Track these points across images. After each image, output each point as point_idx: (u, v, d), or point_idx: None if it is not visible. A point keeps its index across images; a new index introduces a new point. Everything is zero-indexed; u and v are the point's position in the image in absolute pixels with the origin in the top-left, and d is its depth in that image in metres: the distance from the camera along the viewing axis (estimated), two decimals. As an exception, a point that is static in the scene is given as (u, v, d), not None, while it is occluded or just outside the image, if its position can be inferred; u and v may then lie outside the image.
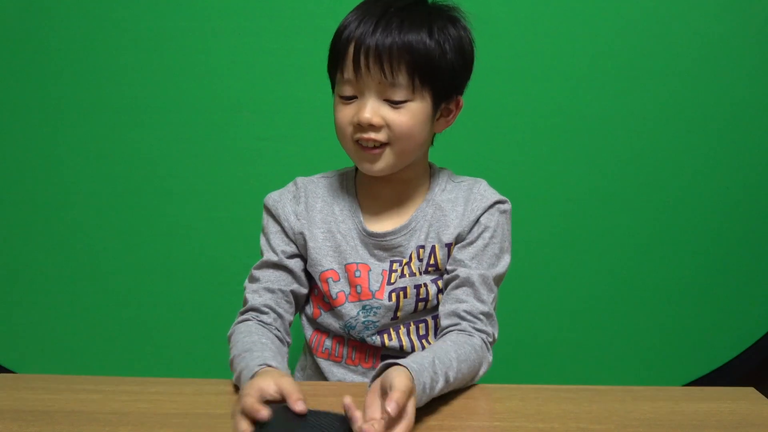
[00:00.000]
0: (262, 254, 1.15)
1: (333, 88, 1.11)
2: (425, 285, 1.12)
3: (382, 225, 1.14)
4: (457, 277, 1.09)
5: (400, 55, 1.02)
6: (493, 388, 1.06)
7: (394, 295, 1.12)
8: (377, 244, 1.13)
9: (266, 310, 1.10)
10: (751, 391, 1.06)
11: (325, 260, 1.13)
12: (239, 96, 1.68)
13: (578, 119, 1.72)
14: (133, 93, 1.68)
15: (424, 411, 0.96)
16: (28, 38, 1.66)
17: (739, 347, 1.82)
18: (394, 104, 1.04)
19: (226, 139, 1.69)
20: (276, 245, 1.13)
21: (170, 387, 1.04)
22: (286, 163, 1.69)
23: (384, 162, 1.08)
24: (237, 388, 0.97)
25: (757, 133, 1.75)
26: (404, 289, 1.12)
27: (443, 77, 1.06)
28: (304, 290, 1.15)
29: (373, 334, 1.13)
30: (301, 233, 1.13)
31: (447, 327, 1.08)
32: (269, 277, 1.12)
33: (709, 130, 1.74)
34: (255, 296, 1.11)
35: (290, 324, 1.13)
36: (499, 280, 1.13)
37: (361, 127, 1.05)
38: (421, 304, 1.13)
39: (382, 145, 1.06)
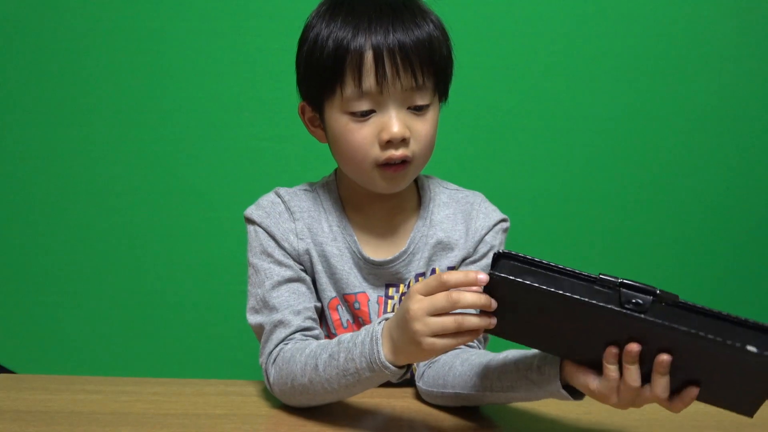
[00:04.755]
0: (263, 280, 0.98)
1: (312, 104, 0.99)
2: None
3: (377, 249, 1.03)
4: None
5: (428, 54, 0.93)
6: (493, 388, 1.06)
7: None
8: (373, 270, 1.02)
9: (310, 324, 0.96)
10: (751, 392, 1.06)
11: (327, 286, 1.02)
12: (239, 96, 1.68)
13: (577, 120, 1.72)
14: (134, 93, 1.68)
15: (423, 411, 0.96)
16: (28, 38, 1.66)
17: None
18: (418, 110, 0.94)
19: (226, 139, 1.69)
20: (283, 260, 0.99)
21: (170, 387, 1.04)
22: (286, 163, 1.69)
23: (407, 180, 0.98)
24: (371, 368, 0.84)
25: (758, 134, 1.75)
26: None
27: (449, 75, 0.99)
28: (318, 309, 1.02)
29: None
30: (307, 252, 1.01)
31: None
32: (288, 299, 0.97)
33: (709, 130, 1.74)
34: (282, 328, 0.95)
35: None
36: None
37: (388, 144, 0.93)
38: None
39: (408, 161, 0.95)
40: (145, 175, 1.70)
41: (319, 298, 1.02)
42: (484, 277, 0.74)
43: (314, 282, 1.02)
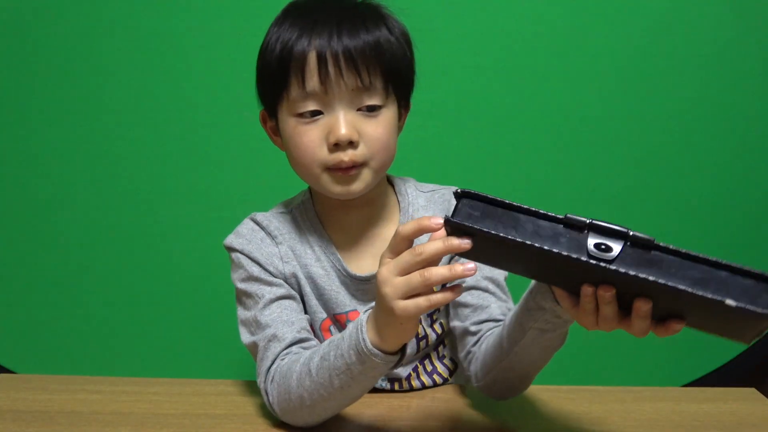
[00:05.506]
0: (254, 302, 0.96)
1: (269, 111, 0.99)
2: (419, 321, 0.99)
3: (361, 263, 1.00)
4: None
5: (374, 55, 0.91)
6: (493, 388, 1.06)
7: None
8: (360, 286, 1.00)
9: (305, 336, 0.93)
10: (751, 392, 1.06)
11: (317, 308, 1.00)
12: (239, 96, 1.67)
13: (576, 120, 1.72)
14: (133, 93, 1.67)
15: (425, 412, 0.96)
16: (27, 38, 1.66)
17: (739, 347, 1.81)
18: (369, 111, 0.92)
19: (226, 139, 1.69)
20: (272, 280, 0.97)
21: (170, 387, 1.04)
22: (287, 163, 1.68)
23: (362, 182, 0.94)
24: (359, 358, 0.81)
25: (758, 134, 1.75)
26: None
27: (407, 77, 0.97)
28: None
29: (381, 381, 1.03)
30: (294, 276, 0.99)
31: (485, 331, 0.95)
32: (280, 314, 0.94)
33: (709, 130, 1.74)
34: (276, 343, 0.92)
35: None
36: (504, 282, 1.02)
37: (336, 147, 0.91)
38: (422, 343, 1.03)
39: (358, 164, 0.92)
40: (144, 175, 1.70)
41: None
42: (437, 221, 0.70)
43: (304, 305, 1.00)
